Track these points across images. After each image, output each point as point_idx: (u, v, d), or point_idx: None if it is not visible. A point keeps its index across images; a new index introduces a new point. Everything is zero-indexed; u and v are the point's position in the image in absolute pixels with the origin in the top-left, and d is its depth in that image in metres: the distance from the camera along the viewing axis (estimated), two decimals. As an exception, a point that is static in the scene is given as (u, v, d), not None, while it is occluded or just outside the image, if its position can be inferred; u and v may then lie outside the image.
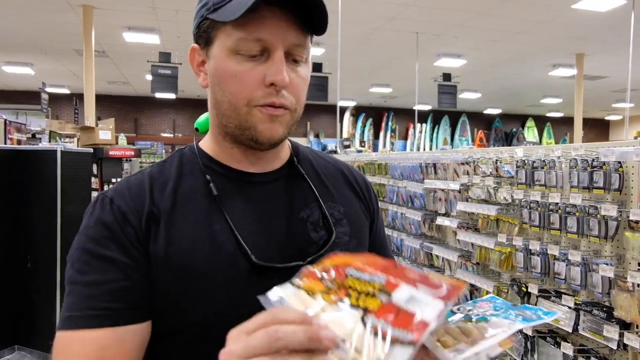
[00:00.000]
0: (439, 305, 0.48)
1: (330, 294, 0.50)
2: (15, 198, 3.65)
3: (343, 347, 0.44)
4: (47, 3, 6.75)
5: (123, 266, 0.68)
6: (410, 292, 0.49)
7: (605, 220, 1.86)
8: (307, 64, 0.76)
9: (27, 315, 3.69)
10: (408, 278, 0.52)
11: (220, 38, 0.71)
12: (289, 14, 0.69)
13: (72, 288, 0.69)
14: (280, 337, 0.42)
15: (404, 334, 0.45)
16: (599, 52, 8.99)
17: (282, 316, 0.44)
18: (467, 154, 2.90)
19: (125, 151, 5.97)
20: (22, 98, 12.96)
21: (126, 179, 0.78)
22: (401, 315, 0.47)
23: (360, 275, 0.53)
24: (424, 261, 3.40)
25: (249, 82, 0.70)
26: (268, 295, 0.50)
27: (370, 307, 0.48)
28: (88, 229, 0.72)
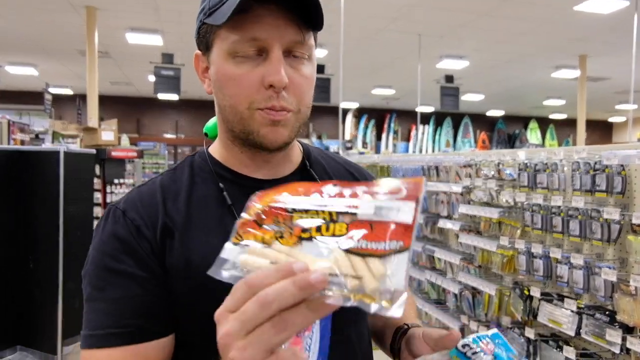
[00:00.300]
0: (410, 205, 0.45)
1: (286, 237, 0.46)
2: (17, 198, 3.66)
3: (337, 281, 0.41)
4: (51, 4, 6.77)
5: (142, 280, 0.67)
6: (372, 204, 0.46)
7: (607, 223, 1.86)
8: (310, 61, 0.73)
9: (28, 316, 3.70)
10: (360, 193, 0.48)
11: (218, 42, 0.70)
12: (286, 10, 0.67)
13: (92, 305, 0.67)
14: (270, 299, 0.39)
15: (390, 244, 0.43)
16: (602, 53, 8.96)
17: (260, 279, 0.40)
18: (469, 156, 2.90)
19: (128, 152, 5.98)
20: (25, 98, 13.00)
21: (137, 189, 0.77)
22: (377, 228, 0.44)
23: (306, 207, 0.48)
24: (425, 264, 3.39)
25: (248, 85, 0.68)
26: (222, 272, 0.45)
27: (338, 232, 0.45)
28: (102, 244, 0.70)
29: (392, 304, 0.40)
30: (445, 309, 3.14)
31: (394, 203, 0.45)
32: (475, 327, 2.72)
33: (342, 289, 0.41)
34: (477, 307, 2.73)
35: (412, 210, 0.44)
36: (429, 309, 3.29)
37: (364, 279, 0.41)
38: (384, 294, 0.40)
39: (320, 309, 0.40)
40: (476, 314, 2.74)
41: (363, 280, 0.41)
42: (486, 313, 2.64)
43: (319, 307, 0.40)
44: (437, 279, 3.17)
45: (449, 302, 3.08)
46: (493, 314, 2.54)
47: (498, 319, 2.54)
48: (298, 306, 0.40)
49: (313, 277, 0.39)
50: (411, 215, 0.44)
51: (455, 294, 2.93)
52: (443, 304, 3.21)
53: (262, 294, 0.39)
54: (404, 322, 0.85)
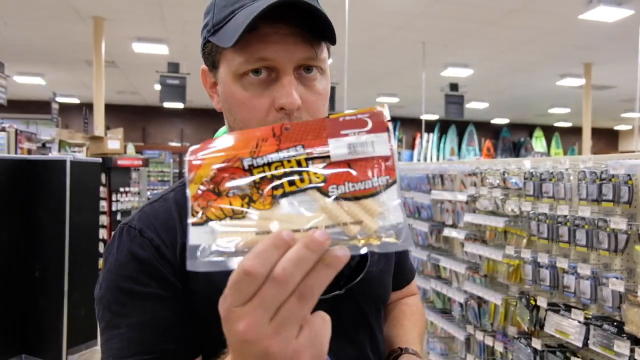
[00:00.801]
0: (382, 136, 0.43)
1: (256, 199, 0.41)
2: (24, 207, 3.68)
3: (337, 232, 0.39)
4: (59, 15, 6.85)
5: (168, 301, 0.63)
6: (344, 143, 0.42)
7: (614, 233, 1.84)
8: (324, 75, 0.69)
9: (34, 324, 3.71)
10: (324, 133, 0.43)
11: (224, 63, 0.67)
12: (294, 27, 0.64)
13: (113, 333, 0.62)
14: (289, 274, 0.36)
15: (377, 180, 0.41)
16: (607, 61, 8.95)
17: (260, 262, 0.37)
18: (474, 165, 2.89)
19: (134, 160, 6.01)
20: (33, 108, 13.12)
21: (150, 206, 0.72)
22: (357, 167, 0.42)
23: (265, 160, 0.42)
24: (431, 272, 3.38)
25: (259, 109, 0.65)
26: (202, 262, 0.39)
27: (316, 181, 0.41)
28: (119, 265, 0.65)
29: (399, 238, 0.39)
30: (451, 319, 3.12)
31: (366, 137, 0.43)
32: (481, 337, 2.70)
33: (345, 239, 0.39)
34: (483, 317, 2.71)
35: (387, 141, 0.43)
36: (434, 318, 3.26)
37: (364, 222, 0.39)
38: (388, 231, 0.39)
39: (335, 263, 0.38)
40: (482, 324, 2.72)
41: (363, 223, 0.39)
42: (492, 323, 2.62)
43: (334, 261, 0.38)
44: (443, 288, 3.16)
45: (455, 311, 3.05)
46: (499, 324, 2.52)
47: (504, 329, 2.52)
48: (314, 268, 0.38)
49: (317, 235, 0.37)
50: (387, 146, 0.42)
51: (460, 303, 2.91)
52: (449, 313, 3.19)
53: (279, 272, 0.36)
54: (399, 345, 0.84)
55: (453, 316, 3.10)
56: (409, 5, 6.39)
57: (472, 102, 13.11)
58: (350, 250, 0.38)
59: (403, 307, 0.96)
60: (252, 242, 0.39)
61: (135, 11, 6.73)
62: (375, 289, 0.81)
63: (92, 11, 6.77)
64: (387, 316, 0.94)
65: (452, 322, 3.08)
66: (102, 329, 0.64)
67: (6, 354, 3.61)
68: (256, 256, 0.37)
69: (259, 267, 0.36)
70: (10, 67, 9.58)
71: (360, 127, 0.43)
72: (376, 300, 0.81)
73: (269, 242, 0.37)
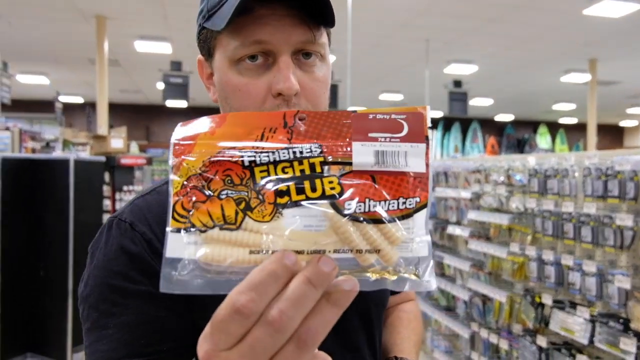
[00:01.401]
0: (419, 147, 0.35)
1: (256, 207, 0.33)
2: (28, 206, 3.69)
3: (346, 259, 0.32)
4: (62, 14, 6.87)
5: (161, 301, 0.58)
6: (370, 149, 0.35)
7: (620, 230, 1.83)
8: (324, 61, 0.66)
9: (38, 323, 3.72)
10: (347, 132, 0.35)
11: (220, 48, 0.64)
12: (291, 9, 0.60)
13: (102, 333, 0.57)
14: (287, 317, 0.30)
15: (405, 201, 0.34)
16: (613, 57, 8.88)
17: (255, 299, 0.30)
18: (479, 162, 2.88)
19: (137, 159, 6.02)
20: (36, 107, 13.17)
21: (142, 198, 0.67)
22: (383, 182, 0.34)
23: (271, 158, 0.34)
24: (435, 270, 3.36)
25: (255, 94, 0.62)
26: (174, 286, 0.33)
27: (330, 192, 0.33)
28: (107, 261, 0.60)
29: (420, 275, 0.33)
30: (455, 316, 3.11)
31: (399, 146, 0.35)
32: (486, 335, 2.69)
33: (356, 267, 0.33)
34: (487, 314, 2.70)
35: (424, 154, 0.35)
36: (438, 316, 3.25)
37: (382, 252, 0.32)
38: (409, 266, 0.33)
39: (343, 300, 0.32)
40: (487, 321, 2.71)
41: (381, 252, 0.32)
42: (497, 320, 2.60)
43: (341, 299, 0.32)
44: (447, 285, 3.14)
45: (459, 308, 3.04)
46: (504, 321, 2.51)
47: (509, 326, 2.50)
48: (317, 306, 0.31)
49: (323, 264, 0.31)
50: (423, 160, 0.35)
51: (465, 300, 2.90)
52: (453, 310, 3.18)
53: (275, 315, 0.30)
54: (394, 354, 0.81)
55: (457, 314, 3.09)
56: (412, 3, 6.36)
57: (476, 98, 13.06)
58: (361, 284, 0.32)
59: (400, 313, 0.93)
60: (244, 261, 0.32)
61: (138, 10, 6.73)
62: (378, 292, 0.78)
63: (95, 10, 6.78)
64: (384, 323, 0.91)
65: (456, 319, 3.07)
66: (87, 330, 0.59)
67: (11, 352, 3.63)
68: (250, 289, 0.30)
69: (252, 306, 0.30)
70: (14, 67, 9.61)
71: (394, 131, 0.35)
72: (377, 304, 0.79)
73: (267, 269, 0.30)
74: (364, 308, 0.76)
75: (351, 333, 0.74)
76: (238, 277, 0.32)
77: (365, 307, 0.76)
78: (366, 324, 0.76)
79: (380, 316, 0.80)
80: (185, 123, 0.37)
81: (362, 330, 0.75)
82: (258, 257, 0.32)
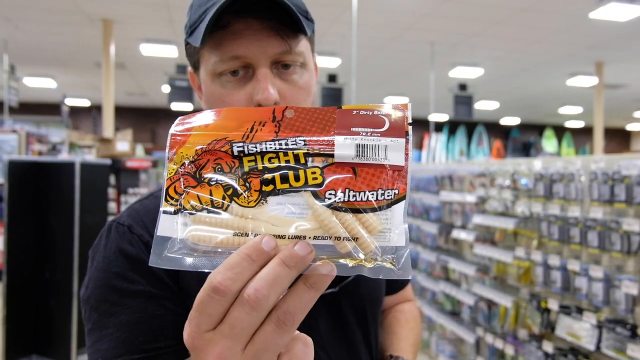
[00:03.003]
0: (398, 142, 0.36)
1: (243, 193, 0.35)
2: (34, 208, 3.71)
3: (325, 246, 0.34)
4: (69, 18, 6.92)
5: (159, 298, 0.60)
6: (352, 142, 0.36)
7: (627, 235, 1.81)
8: (305, 68, 0.68)
9: (44, 325, 3.73)
10: (332, 126, 0.37)
11: (203, 62, 0.67)
12: (265, 21, 0.62)
13: (100, 334, 0.59)
14: (263, 296, 0.31)
15: (383, 193, 0.35)
16: (619, 60, 8.84)
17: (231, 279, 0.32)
18: (484, 165, 2.86)
19: (142, 162, 6.04)
20: (43, 110, 13.27)
21: (140, 203, 0.70)
22: (363, 174, 0.36)
23: (259, 148, 0.36)
24: (440, 274, 3.35)
25: (237, 105, 0.64)
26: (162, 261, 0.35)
27: (312, 182, 0.35)
28: (107, 263, 0.62)
29: (396, 264, 0.34)
30: (460, 321, 3.09)
31: (379, 140, 0.36)
32: (491, 340, 2.67)
33: (334, 254, 0.34)
34: (492, 319, 2.68)
35: (403, 149, 0.36)
36: (443, 321, 3.24)
37: (359, 240, 0.34)
38: (385, 255, 0.34)
39: (320, 283, 0.33)
40: (492, 326, 2.69)
41: (359, 240, 0.34)
42: (502, 325, 2.59)
43: (318, 282, 0.33)
44: (452, 290, 3.13)
45: (464, 313, 3.02)
46: (509, 326, 2.49)
47: (515, 331, 2.48)
48: (295, 288, 0.33)
49: (299, 248, 0.32)
50: (402, 154, 0.36)
51: (470, 305, 2.88)
52: (458, 315, 3.16)
53: (251, 293, 0.31)
54: (390, 353, 0.80)
55: (462, 318, 3.07)
56: (417, 6, 6.35)
57: (482, 101, 13.03)
58: (338, 269, 0.33)
59: (397, 314, 0.93)
60: (229, 243, 0.34)
61: (144, 14, 6.77)
62: (372, 289, 0.79)
63: (101, 14, 6.83)
64: (382, 323, 0.92)
65: (461, 324, 3.05)
66: (89, 331, 0.61)
67: (16, 354, 3.64)
68: (227, 269, 0.32)
69: (229, 284, 0.32)
70: (22, 70, 9.70)
71: (375, 126, 0.37)
72: (372, 302, 0.79)
73: (244, 252, 0.32)
74: (359, 305, 0.76)
75: (347, 330, 0.74)
76: (222, 257, 0.33)
77: (360, 304, 0.76)
78: (361, 321, 0.76)
79: (375, 314, 0.81)
80: (184, 117, 0.40)
81: (358, 327, 0.76)
82: (242, 240, 0.34)
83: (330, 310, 0.72)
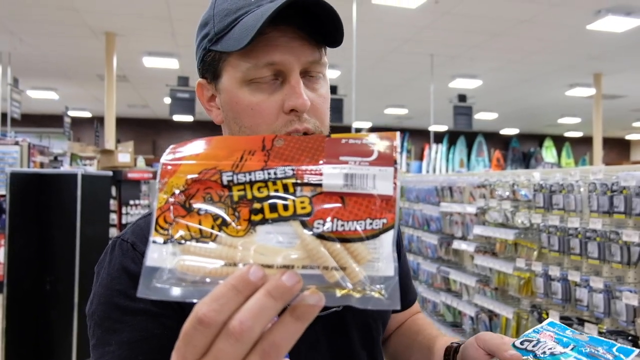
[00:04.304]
0: (387, 171, 0.36)
1: (232, 222, 0.36)
2: (36, 220, 3.72)
3: (313, 275, 0.34)
4: (72, 31, 6.99)
5: (159, 317, 0.60)
6: (340, 171, 0.36)
7: (627, 246, 1.82)
8: (325, 79, 0.70)
9: (45, 336, 3.72)
10: (320, 155, 0.38)
11: (229, 70, 0.66)
12: (299, 30, 0.64)
13: (106, 349, 0.59)
14: (247, 327, 0.31)
15: (371, 222, 0.35)
16: (617, 71, 8.89)
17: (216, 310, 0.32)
18: (483, 177, 2.88)
19: (144, 173, 6.06)
20: (46, 121, 13.34)
21: (144, 219, 0.70)
22: (351, 203, 0.36)
23: (248, 178, 0.37)
24: (441, 285, 3.34)
25: (268, 112, 0.64)
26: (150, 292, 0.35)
27: (301, 211, 0.36)
28: (110, 279, 0.63)
29: (384, 294, 0.34)
30: (462, 332, 3.08)
31: (368, 169, 0.37)
32: (493, 352, 2.66)
33: (323, 284, 0.34)
34: (494, 330, 2.67)
35: (391, 178, 0.36)
36: (444, 332, 3.23)
37: (347, 269, 0.34)
38: (373, 285, 0.34)
39: (307, 314, 0.33)
40: (493, 338, 2.68)
41: (347, 270, 0.34)
42: (504, 337, 2.58)
43: (305, 313, 0.33)
44: (453, 301, 3.12)
45: (466, 324, 3.02)
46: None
47: (516, 343, 2.48)
48: (281, 320, 0.33)
49: (286, 278, 0.32)
50: (390, 184, 0.36)
51: (471, 316, 2.88)
52: (459, 327, 3.15)
53: (236, 325, 0.31)
54: (451, 341, 0.79)
55: (464, 330, 3.06)
56: (417, 18, 6.42)
57: (481, 112, 13.08)
58: (327, 300, 0.33)
59: (419, 321, 0.93)
60: (217, 273, 0.34)
61: (146, 27, 6.84)
62: None
63: (104, 27, 6.90)
64: (405, 335, 0.91)
65: (463, 335, 3.04)
66: (93, 346, 0.61)
67: (17, 366, 3.63)
68: (213, 300, 0.32)
69: (214, 315, 0.32)
70: (25, 82, 9.77)
71: (364, 155, 0.37)
72: (375, 319, 0.78)
73: (230, 282, 0.32)
74: (363, 322, 0.76)
75: (350, 351, 0.74)
76: (211, 287, 0.34)
77: (364, 321, 0.76)
78: (366, 339, 0.76)
79: (380, 333, 0.80)
80: (176, 146, 0.40)
81: (362, 347, 0.75)
82: (230, 269, 0.34)
83: (332, 331, 0.71)
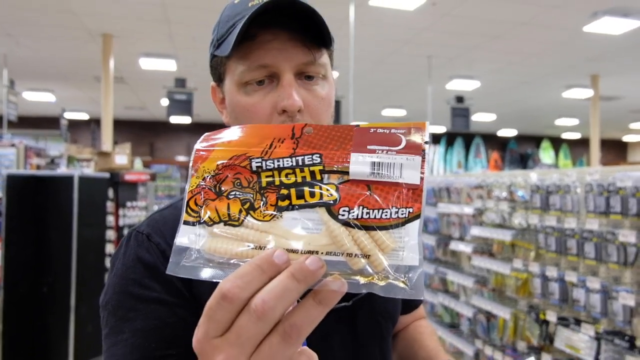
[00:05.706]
0: (414, 160, 0.36)
1: (259, 207, 0.36)
2: (33, 222, 3.71)
3: (337, 262, 0.34)
4: (69, 33, 6.98)
5: (172, 306, 0.62)
6: (367, 160, 0.37)
7: (624, 246, 1.82)
8: (326, 80, 0.70)
9: (41, 339, 3.70)
10: (349, 144, 0.38)
11: (228, 73, 0.70)
12: (292, 32, 0.65)
13: (119, 338, 0.61)
14: (270, 307, 0.32)
15: (397, 211, 0.35)
16: (615, 73, 8.93)
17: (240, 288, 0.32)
18: (481, 178, 2.88)
19: (141, 175, 6.04)
20: (42, 124, 13.31)
21: (159, 213, 0.72)
22: (377, 191, 0.36)
23: (276, 164, 0.38)
24: (438, 286, 3.34)
25: (262, 113, 0.67)
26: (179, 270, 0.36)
27: (327, 198, 0.36)
28: (125, 269, 0.64)
29: (408, 284, 0.33)
30: (459, 333, 3.08)
31: (395, 158, 0.36)
32: (490, 352, 2.66)
33: (346, 270, 0.34)
34: (491, 331, 2.67)
35: (419, 167, 0.36)
36: (442, 333, 3.22)
37: (372, 257, 0.34)
38: (398, 274, 0.34)
39: (329, 299, 0.33)
40: (491, 338, 2.68)
41: (371, 258, 0.34)
42: (501, 337, 2.58)
43: (327, 298, 0.33)
44: (450, 302, 3.12)
45: (463, 325, 3.01)
46: (508, 338, 2.48)
47: (513, 343, 2.48)
48: (303, 302, 0.34)
49: (309, 262, 0.33)
50: (418, 173, 0.36)
51: (469, 317, 2.88)
52: (457, 327, 3.15)
53: (258, 304, 0.32)
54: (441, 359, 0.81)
55: (461, 330, 3.06)
56: (414, 19, 6.43)
57: (479, 113, 13.11)
58: (350, 287, 0.33)
59: (420, 329, 0.95)
60: (243, 255, 0.35)
61: (143, 28, 6.84)
62: (386, 303, 0.79)
63: (102, 29, 6.89)
64: (406, 339, 0.92)
65: (460, 336, 3.04)
66: (106, 335, 0.63)
67: (13, 369, 3.60)
68: (237, 277, 0.33)
69: (237, 292, 0.32)
70: (21, 84, 9.75)
71: (392, 144, 0.37)
72: (386, 317, 0.79)
73: (255, 262, 0.33)
74: (374, 320, 0.77)
75: (361, 345, 0.75)
76: (236, 269, 0.34)
77: (374, 318, 0.77)
78: (376, 335, 0.77)
79: (389, 330, 0.81)
80: (210, 133, 0.42)
81: (373, 342, 0.76)
82: (255, 252, 0.35)
83: (344, 325, 0.72)
